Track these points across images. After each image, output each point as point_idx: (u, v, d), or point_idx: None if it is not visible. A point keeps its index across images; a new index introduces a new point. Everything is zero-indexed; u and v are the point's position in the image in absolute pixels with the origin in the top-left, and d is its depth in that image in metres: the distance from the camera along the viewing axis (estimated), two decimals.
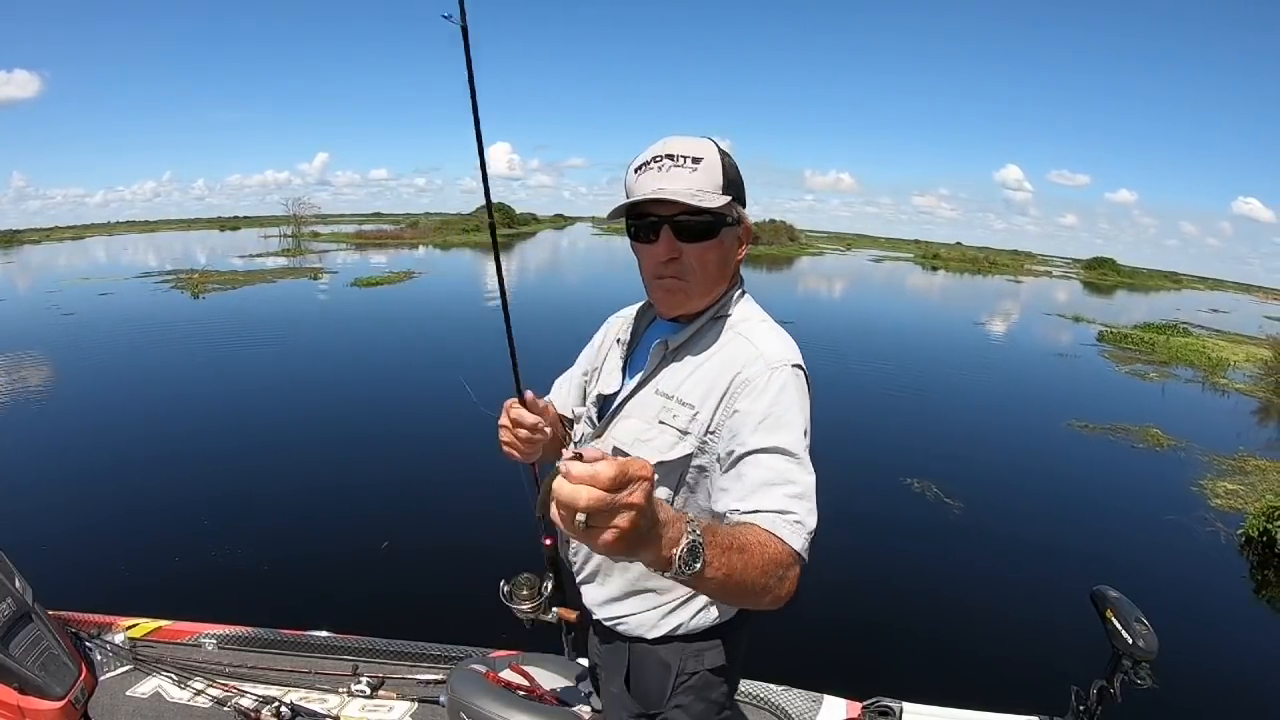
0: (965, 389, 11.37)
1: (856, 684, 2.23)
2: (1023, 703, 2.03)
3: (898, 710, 2.04)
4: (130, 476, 5.98)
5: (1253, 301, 45.09)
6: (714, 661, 1.19)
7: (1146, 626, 1.41)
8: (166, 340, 12.23)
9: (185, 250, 36.69)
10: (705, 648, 1.18)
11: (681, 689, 1.19)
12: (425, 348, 12.00)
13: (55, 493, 5.55)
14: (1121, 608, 1.44)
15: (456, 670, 1.73)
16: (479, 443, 6.55)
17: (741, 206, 1.13)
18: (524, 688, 1.68)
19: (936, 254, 65.73)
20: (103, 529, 4.94)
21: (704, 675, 1.19)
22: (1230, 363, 16.16)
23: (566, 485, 0.64)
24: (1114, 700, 1.44)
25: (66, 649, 2.19)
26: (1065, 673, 1.62)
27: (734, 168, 1.10)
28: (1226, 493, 6.96)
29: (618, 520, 0.65)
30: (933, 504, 5.99)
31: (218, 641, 2.54)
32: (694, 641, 1.18)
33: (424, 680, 2.35)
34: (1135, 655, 1.39)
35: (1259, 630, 4.76)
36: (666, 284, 1.12)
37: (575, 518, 0.65)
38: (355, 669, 2.39)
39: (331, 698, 2.31)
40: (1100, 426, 9.09)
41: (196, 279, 21.26)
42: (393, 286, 20.89)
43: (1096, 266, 63.73)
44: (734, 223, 1.12)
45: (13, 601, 2.10)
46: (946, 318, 23.65)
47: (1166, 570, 5.31)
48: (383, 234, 49.70)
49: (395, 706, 2.27)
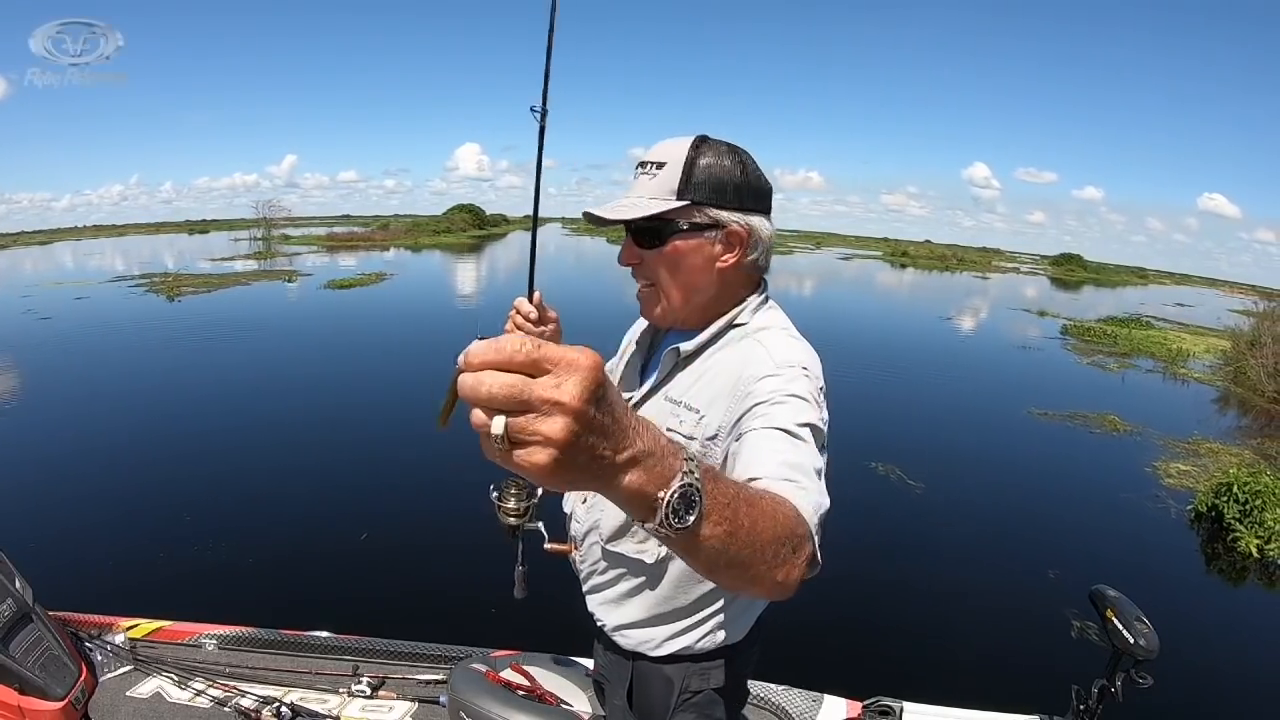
0: (929, 382, 11.57)
1: (857, 683, 2.22)
2: (1023, 702, 2.03)
3: (898, 710, 2.02)
4: (130, 477, 5.95)
5: (1218, 296, 46.21)
6: (719, 680, 1.14)
7: (1147, 626, 1.41)
8: (152, 342, 12.12)
9: (155, 254, 35.95)
10: (712, 667, 1.14)
11: (684, 705, 1.16)
12: (414, 346, 11.98)
13: (55, 493, 5.51)
14: (1122, 607, 1.44)
15: (457, 670, 1.72)
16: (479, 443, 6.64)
17: (726, 209, 1.04)
18: (524, 687, 1.67)
19: (905, 251, 66.52)
20: (103, 529, 4.92)
21: (709, 694, 1.15)
22: (1191, 354, 16.63)
23: (468, 376, 0.47)
24: (1115, 699, 1.44)
25: (67, 649, 2.19)
26: (1065, 672, 1.63)
27: (710, 169, 1.03)
28: (1179, 473, 7.32)
29: (543, 427, 0.47)
30: (914, 493, 6.15)
31: (218, 642, 2.53)
32: (700, 661, 1.14)
33: (424, 680, 2.35)
34: (1136, 654, 1.39)
35: (1207, 596, 5.08)
36: (640, 290, 1.13)
37: (491, 428, 0.47)
38: (356, 669, 2.39)
39: (332, 698, 2.31)
40: (1060, 414, 9.38)
41: (171, 282, 20.87)
42: (367, 288, 20.73)
43: (1064, 262, 64.82)
44: (691, 228, 1.04)
45: (13, 602, 2.10)
46: (913, 314, 24.00)
47: (1120, 546, 5.58)
48: (354, 236, 49.01)
49: (396, 706, 2.28)
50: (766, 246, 1.09)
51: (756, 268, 1.10)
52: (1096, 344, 17.27)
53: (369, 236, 48.77)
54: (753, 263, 1.09)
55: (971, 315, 24.10)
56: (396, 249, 40.91)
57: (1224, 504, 5.78)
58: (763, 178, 1.07)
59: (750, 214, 1.05)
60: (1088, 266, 65.09)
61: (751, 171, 1.05)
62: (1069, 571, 4.93)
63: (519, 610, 3.12)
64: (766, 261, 1.11)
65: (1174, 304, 36.12)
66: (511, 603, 1.38)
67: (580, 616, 1.30)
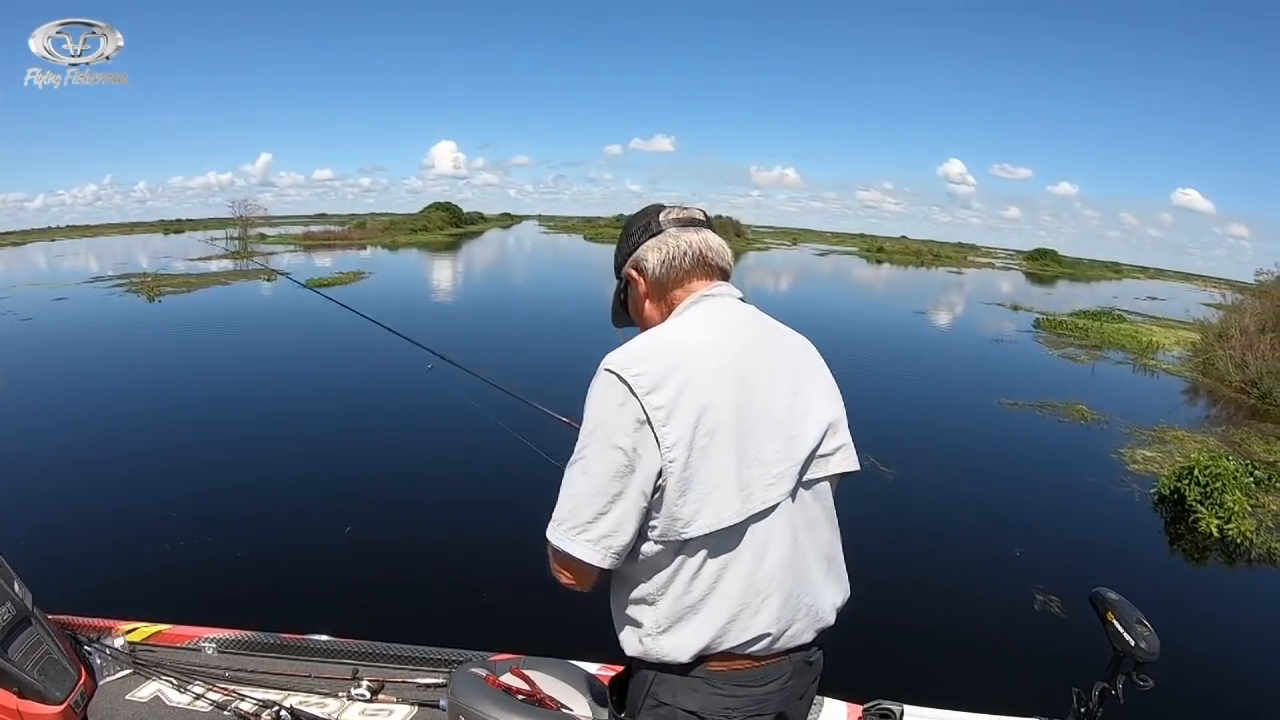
0: (900, 375, 11.72)
1: (857, 686, 2.20)
2: (1024, 704, 2.02)
3: (899, 712, 1.99)
4: (128, 480, 5.92)
5: (1191, 290, 46.97)
6: (687, 703, 1.11)
7: (1148, 628, 1.40)
8: (139, 343, 12.07)
9: (132, 254, 35.29)
10: (681, 683, 1.12)
11: (647, 711, 1.16)
12: (404, 347, 11.86)
13: (54, 497, 5.49)
14: (1122, 610, 1.43)
15: (457, 674, 1.71)
16: (480, 444, 6.61)
17: (623, 266, 1.29)
18: (525, 692, 1.66)
19: (881, 247, 67.01)
20: (102, 533, 4.90)
21: (672, 710, 1.12)
22: (1161, 346, 17.01)
23: None
24: (1116, 702, 1.44)
25: (66, 653, 2.19)
26: (1065, 673, 1.62)
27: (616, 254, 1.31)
28: (1144, 459, 7.59)
29: None
30: (885, 478, 6.26)
31: (217, 645, 2.53)
32: (670, 673, 1.12)
33: (424, 684, 2.34)
34: (1137, 657, 1.39)
35: (1172, 576, 5.31)
36: None
37: None
38: (355, 673, 2.39)
39: (331, 701, 2.31)
40: (1029, 404, 9.62)
41: (150, 282, 20.54)
42: (346, 286, 20.58)
43: (1038, 257, 65.20)
44: (624, 287, 1.31)
45: (12, 606, 2.10)
46: (887, 309, 24.32)
47: (1087, 528, 5.82)
48: (331, 235, 48.47)
49: (395, 710, 2.27)
50: (656, 261, 1.23)
51: (661, 281, 1.24)
52: (1068, 337, 17.58)
53: (346, 235, 48.25)
54: (656, 280, 1.24)
55: (945, 310, 24.52)
56: (374, 247, 40.62)
57: (1186, 487, 5.99)
58: (640, 221, 1.28)
59: (635, 251, 1.26)
60: (1062, 261, 65.69)
61: (632, 227, 1.28)
62: (1036, 554, 5.13)
63: (520, 614, 3.17)
64: (674, 267, 1.23)
65: (1146, 298, 36.66)
66: (512, 606, 1.39)
67: (581, 621, 1.31)
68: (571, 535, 1.07)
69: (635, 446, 1.03)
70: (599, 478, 1.05)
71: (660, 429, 1.03)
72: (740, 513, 1.05)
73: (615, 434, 1.04)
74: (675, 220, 1.25)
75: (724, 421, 1.05)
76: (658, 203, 1.31)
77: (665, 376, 1.04)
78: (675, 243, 1.22)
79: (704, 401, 1.04)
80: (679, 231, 1.23)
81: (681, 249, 1.22)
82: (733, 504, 1.05)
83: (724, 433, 1.05)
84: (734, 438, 1.05)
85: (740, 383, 1.08)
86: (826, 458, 1.17)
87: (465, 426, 6.13)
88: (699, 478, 1.04)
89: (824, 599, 1.18)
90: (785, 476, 1.09)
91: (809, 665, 1.20)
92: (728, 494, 1.05)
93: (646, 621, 1.12)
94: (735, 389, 1.07)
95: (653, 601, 1.11)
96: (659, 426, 1.03)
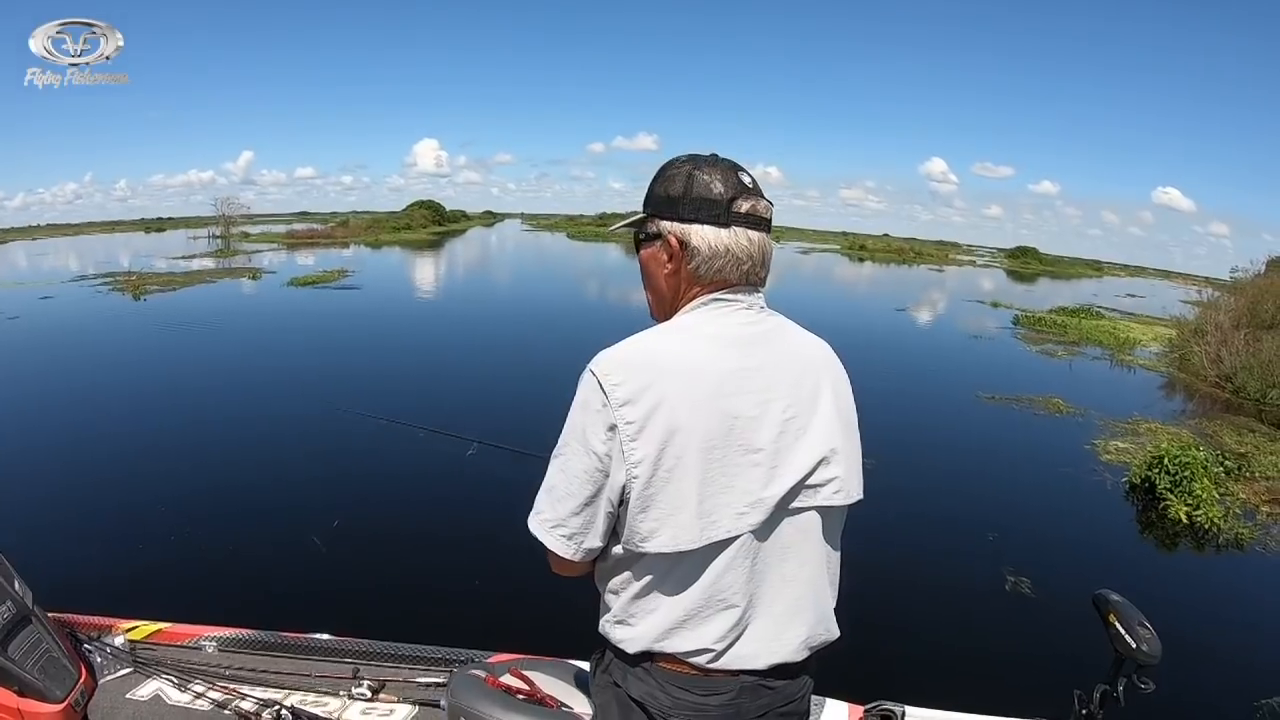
0: (881, 371, 11.68)
1: (858, 687, 2.19)
2: (1025, 705, 2.03)
3: (900, 714, 1.99)
4: (129, 478, 5.92)
5: (1171, 287, 47.55)
6: (633, 689, 1.14)
7: (1150, 630, 1.39)
8: (130, 341, 12.10)
9: (114, 253, 34.87)
10: (631, 671, 1.14)
11: (601, 685, 1.21)
12: (401, 345, 11.95)
13: (55, 495, 5.48)
14: (1124, 612, 1.42)
15: (456, 675, 1.70)
16: (480, 444, 6.56)
17: (667, 220, 1.13)
18: (525, 692, 1.65)
19: (863, 245, 66.92)
20: (102, 531, 4.90)
21: (620, 692, 1.15)
22: (1138, 342, 17.28)
23: None
24: (1117, 704, 1.43)
25: (66, 652, 2.18)
26: (1066, 674, 1.63)
27: (664, 183, 1.13)
28: (1117, 450, 7.80)
29: None
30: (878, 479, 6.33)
31: (218, 644, 2.52)
32: (622, 659, 1.15)
33: (425, 683, 2.34)
34: (1139, 659, 1.38)
35: (1141, 563, 5.46)
36: None
37: None
38: (356, 672, 2.38)
39: (332, 701, 2.30)
40: (1006, 397, 9.82)
41: (135, 281, 20.38)
42: (330, 285, 20.52)
43: (1019, 255, 65.40)
44: (647, 237, 1.16)
45: (12, 604, 2.09)
46: (869, 306, 24.57)
47: (1059, 517, 6.04)
48: (314, 233, 48.00)
49: (396, 710, 2.26)
50: (708, 256, 1.10)
51: (698, 276, 1.12)
52: (1046, 333, 17.81)
53: (329, 233, 47.84)
54: (693, 271, 1.12)
55: (927, 307, 24.71)
56: (357, 246, 40.36)
57: (1156, 475, 6.18)
58: (712, 189, 1.09)
59: (690, 224, 1.10)
60: (1043, 259, 65.98)
61: (699, 184, 1.10)
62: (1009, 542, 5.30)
63: (520, 614, 3.20)
64: (719, 270, 1.11)
65: (1126, 295, 37.06)
66: (513, 606, 1.40)
67: (581, 621, 1.33)
68: (546, 527, 1.12)
69: (609, 453, 1.05)
70: (575, 479, 1.08)
71: (628, 444, 1.03)
72: (698, 539, 1.04)
73: (591, 439, 1.05)
74: (747, 218, 1.11)
75: (691, 448, 1.02)
76: (731, 165, 1.14)
77: (641, 392, 1.03)
78: (736, 249, 1.10)
79: (673, 426, 1.02)
80: (745, 232, 1.11)
81: (737, 256, 1.11)
82: (691, 530, 1.03)
83: (690, 459, 1.02)
84: (700, 466, 1.03)
85: (718, 412, 1.04)
86: (816, 488, 1.12)
87: (469, 426, 6.16)
88: (659, 500, 1.04)
89: (787, 632, 1.13)
90: (759, 507, 1.06)
91: (767, 689, 1.14)
92: (687, 520, 1.03)
93: (611, 609, 1.16)
94: (711, 418, 1.03)
95: (616, 593, 1.15)
96: (627, 441, 1.03)
